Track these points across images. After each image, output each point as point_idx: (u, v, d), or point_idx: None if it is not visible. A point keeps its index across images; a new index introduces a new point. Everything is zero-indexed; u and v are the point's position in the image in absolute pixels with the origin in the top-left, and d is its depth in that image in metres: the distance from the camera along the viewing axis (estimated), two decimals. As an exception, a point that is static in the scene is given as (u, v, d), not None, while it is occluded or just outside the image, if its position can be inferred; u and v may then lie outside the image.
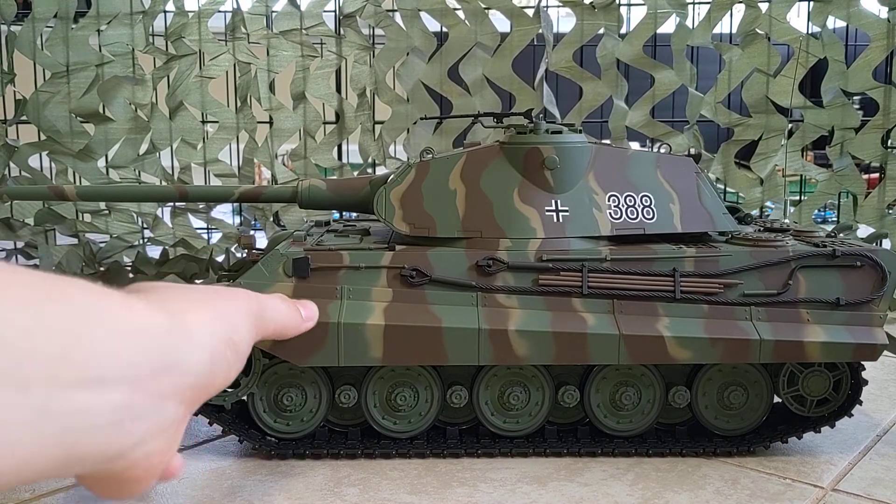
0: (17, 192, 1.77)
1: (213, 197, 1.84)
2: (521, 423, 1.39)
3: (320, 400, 1.37)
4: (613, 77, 2.46)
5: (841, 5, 2.35)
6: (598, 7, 2.44)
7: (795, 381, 1.37)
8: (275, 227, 2.62)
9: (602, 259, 1.31)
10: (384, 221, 1.36)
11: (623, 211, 1.37)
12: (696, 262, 1.31)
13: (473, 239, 1.33)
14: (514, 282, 1.30)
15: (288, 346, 1.22)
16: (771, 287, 1.31)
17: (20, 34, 2.49)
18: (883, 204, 2.46)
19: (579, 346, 1.28)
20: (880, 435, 1.49)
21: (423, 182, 1.36)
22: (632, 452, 1.39)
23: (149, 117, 2.56)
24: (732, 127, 2.50)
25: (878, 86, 2.39)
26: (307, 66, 2.52)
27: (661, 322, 1.29)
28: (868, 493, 1.25)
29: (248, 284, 1.25)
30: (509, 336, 1.27)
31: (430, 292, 1.29)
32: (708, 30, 2.43)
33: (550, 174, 1.35)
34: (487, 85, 2.49)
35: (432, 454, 1.38)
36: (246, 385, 1.33)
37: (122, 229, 2.66)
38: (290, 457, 1.37)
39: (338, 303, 1.28)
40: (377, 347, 1.27)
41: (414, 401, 1.37)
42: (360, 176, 1.55)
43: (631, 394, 1.38)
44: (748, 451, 1.40)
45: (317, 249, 1.31)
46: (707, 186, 1.44)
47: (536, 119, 1.40)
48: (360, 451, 1.37)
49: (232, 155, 2.75)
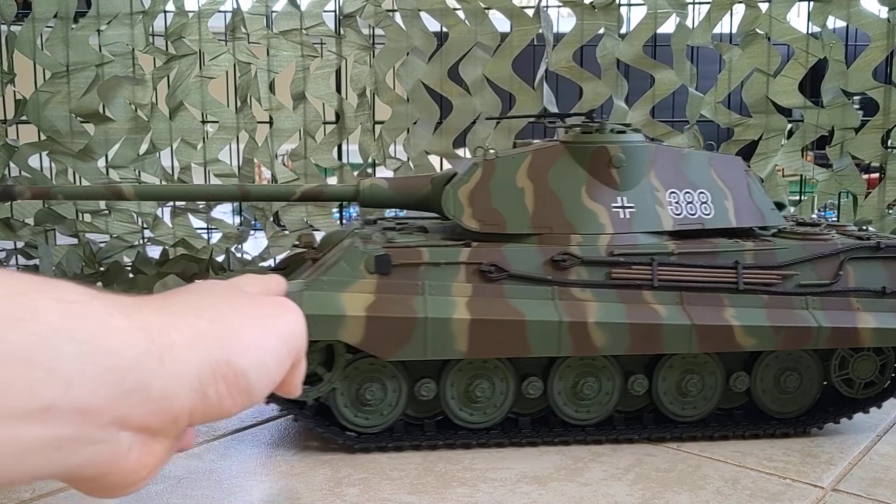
0: (71, 192, 1.74)
1: (276, 196, 1.89)
2: (591, 412, 1.44)
3: (400, 393, 1.39)
4: (613, 77, 2.46)
5: (841, 5, 2.35)
6: (598, 7, 2.44)
7: (846, 365, 1.47)
8: (274, 227, 2.62)
9: (669, 253, 1.38)
10: (453, 218, 1.41)
11: (683, 207, 1.45)
12: (755, 254, 1.40)
13: (544, 235, 1.39)
14: (588, 276, 1.36)
15: (374, 341, 1.28)
16: (823, 277, 1.41)
17: (20, 34, 2.49)
18: (883, 204, 2.46)
19: (654, 336, 1.35)
20: (880, 435, 1.49)
21: (491, 180, 1.42)
22: (698, 437, 1.45)
23: (149, 117, 2.56)
24: (732, 127, 2.50)
25: (878, 86, 2.39)
26: (307, 66, 2.52)
27: (727, 312, 1.37)
28: (868, 493, 1.25)
29: (331, 282, 1.30)
30: (588, 328, 1.33)
31: (508, 287, 1.34)
32: (708, 30, 2.43)
33: (616, 172, 1.42)
34: (487, 85, 2.49)
35: (511, 443, 1.42)
36: (329, 381, 1.35)
37: (123, 229, 2.66)
38: (374, 450, 1.40)
39: (420, 298, 1.32)
40: (462, 341, 1.31)
41: (490, 392, 1.40)
42: (420, 175, 1.60)
43: (696, 381, 1.44)
44: (804, 432, 1.48)
45: (396, 246, 1.35)
46: (755, 183, 1.54)
47: (601, 119, 1.47)
48: (441, 443, 1.40)
49: (232, 155, 2.75)
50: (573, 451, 1.40)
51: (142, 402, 0.39)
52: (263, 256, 2.65)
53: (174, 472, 1.31)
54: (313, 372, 1.34)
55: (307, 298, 1.27)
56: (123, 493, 0.42)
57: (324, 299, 1.28)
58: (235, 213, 3.32)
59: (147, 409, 0.40)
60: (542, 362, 1.42)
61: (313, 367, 1.33)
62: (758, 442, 1.44)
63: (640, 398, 1.47)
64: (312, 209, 2.58)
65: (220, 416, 0.43)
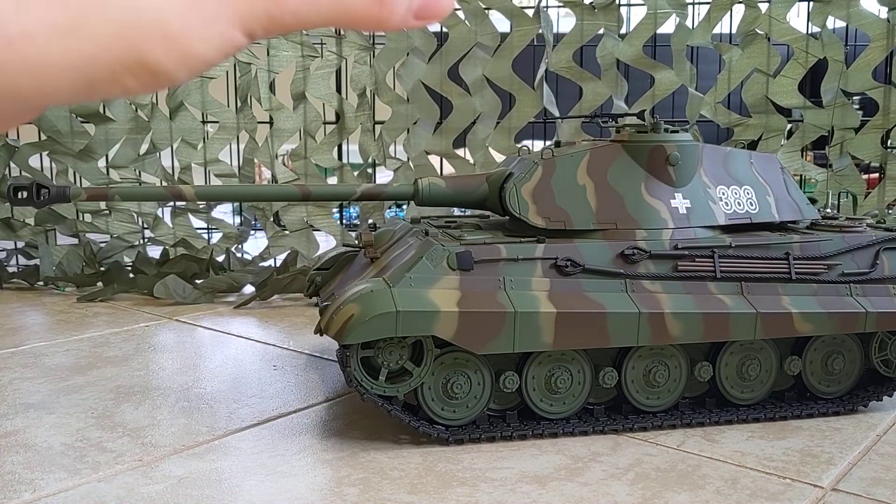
0: (129, 193, 1.72)
1: (336, 196, 1.93)
2: (661, 398, 1.50)
3: (484, 386, 1.42)
4: (613, 77, 2.46)
5: (841, 5, 2.35)
6: (598, 7, 2.44)
7: (885, 348, 1.57)
8: (275, 227, 2.62)
9: (727, 246, 1.46)
10: (518, 215, 1.46)
11: (732, 202, 1.54)
12: (802, 246, 1.50)
13: (609, 230, 1.45)
14: (655, 268, 1.43)
15: (466, 336, 1.32)
16: (861, 267, 1.51)
17: (20, 34, 2.49)
18: (883, 204, 2.46)
19: (723, 324, 1.42)
20: (880, 435, 1.49)
21: (552, 178, 1.47)
22: (761, 418, 1.52)
23: (149, 117, 2.56)
24: (732, 127, 2.50)
25: (878, 86, 2.39)
26: (307, 66, 2.52)
27: (783, 300, 1.46)
28: (868, 493, 1.25)
29: (417, 279, 1.33)
30: (665, 318, 1.39)
31: (584, 280, 1.40)
32: (708, 30, 2.43)
33: (673, 170, 1.49)
34: (487, 85, 2.49)
35: (595, 431, 1.46)
36: (419, 375, 1.37)
37: (123, 229, 2.66)
38: (467, 441, 1.42)
39: (503, 293, 1.36)
40: (549, 333, 1.35)
41: (569, 383, 1.45)
42: (476, 174, 1.65)
43: (754, 366, 1.53)
44: (853, 410, 1.57)
45: (474, 243, 1.39)
46: (791, 180, 1.65)
47: (655, 119, 1.52)
48: (531, 432, 1.44)
49: (232, 155, 2.75)
50: (573, 450, 1.40)
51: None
52: (263, 256, 2.65)
53: (174, 472, 1.31)
54: (402, 368, 1.37)
55: (398, 295, 1.30)
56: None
57: (414, 295, 1.32)
58: (235, 213, 3.32)
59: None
60: (613, 353, 1.48)
61: (403, 362, 1.37)
62: (758, 442, 1.44)
63: (704, 384, 1.54)
64: (313, 209, 2.58)
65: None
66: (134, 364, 1.88)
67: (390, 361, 1.36)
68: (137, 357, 1.94)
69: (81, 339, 2.09)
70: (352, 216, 3.65)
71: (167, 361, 1.91)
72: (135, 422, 1.53)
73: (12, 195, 1.40)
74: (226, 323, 2.28)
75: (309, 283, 1.77)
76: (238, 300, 2.50)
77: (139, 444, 1.42)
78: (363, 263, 1.61)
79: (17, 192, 1.40)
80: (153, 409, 1.60)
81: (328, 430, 1.50)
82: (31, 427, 1.50)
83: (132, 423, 1.52)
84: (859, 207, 2.45)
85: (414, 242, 1.45)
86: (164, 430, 1.49)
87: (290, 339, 2.11)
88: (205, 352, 2.01)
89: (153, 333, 2.17)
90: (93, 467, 1.32)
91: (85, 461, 1.35)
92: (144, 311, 2.41)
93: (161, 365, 1.88)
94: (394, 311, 1.29)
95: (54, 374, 1.80)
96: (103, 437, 1.45)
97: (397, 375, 1.38)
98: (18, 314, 2.38)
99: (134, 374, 1.81)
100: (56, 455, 1.37)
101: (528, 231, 1.46)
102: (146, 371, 1.83)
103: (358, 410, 1.58)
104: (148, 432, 1.48)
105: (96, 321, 2.28)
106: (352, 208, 3.51)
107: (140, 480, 1.28)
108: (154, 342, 2.08)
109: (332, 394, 1.69)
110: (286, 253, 2.60)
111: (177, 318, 2.32)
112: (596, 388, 1.48)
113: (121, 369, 1.84)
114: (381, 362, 1.36)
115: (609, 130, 1.65)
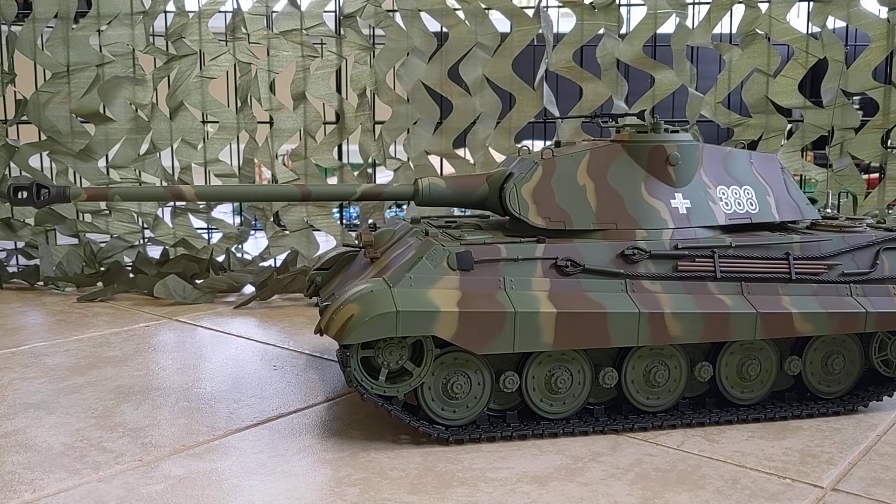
0: (129, 193, 1.72)
1: (336, 196, 1.93)
2: (661, 398, 1.50)
3: (484, 386, 1.42)
4: (613, 77, 2.46)
5: (841, 5, 2.35)
6: (598, 7, 2.44)
7: (885, 348, 1.57)
8: (275, 227, 2.62)
9: (728, 246, 1.46)
10: (518, 215, 1.46)
11: (732, 202, 1.54)
12: (802, 246, 1.50)
13: (609, 231, 1.46)
14: (655, 268, 1.43)
15: (466, 336, 1.32)
16: (861, 267, 1.51)
17: (21, 34, 2.49)
18: (883, 204, 2.46)
19: (723, 324, 1.42)
20: (880, 435, 1.49)
21: (552, 178, 1.48)
22: (761, 418, 1.52)
23: (149, 117, 2.56)
24: (732, 127, 2.50)
25: (878, 86, 2.39)
26: (307, 66, 2.52)
27: (784, 300, 1.46)
28: (868, 493, 1.25)
29: (417, 279, 1.34)
30: (665, 318, 1.39)
31: (584, 281, 1.40)
32: (708, 30, 2.43)
33: (673, 170, 1.50)
34: (487, 85, 2.49)
35: (595, 431, 1.46)
36: (419, 375, 1.37)
37: (123, 229, 2.66)
38: (467, 441, 1.42)
39: (503, 293, 1.36)
40: (549, 333, 1.35)
41: (570, 383, 1.45)
42: (476, 174, 1.66)
43: (755, 366, 1.52)
44: (852, 410, 1.56)
45: (474, 243, 1.39)
46: (791, 181, 1.65)
47: (656, 119, 1.53)
48: (531, 432, 1.43)
49: (232, 155, 2.75)
50: (573, 450, 1.40)
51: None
52: (263, 256, 2.65)
53: (174, 471, 1.31)
54: (403, 368, 1.37)
55: (398, 295, 1.30)
56: None
57: (415, 295, 1.32)
58: (235, 214, 3.32)
59: None
60: (613, 353, 1.48)
61: (403, 362, 1.37)
62: (758, 442, 1.44)
63: (704, 384, 1.53)
64: (313, 209, 2.58)
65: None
66: (134, 364, 1.88)
67: (390, 361, 1.36)
68: (137, 357, 1.94)
69: (81, 339, 2.09)
70: (352, 216, 3.65)
71: (167, 361, 1.91)
72: (135, 422, 1.53)
73: (12, 195, 1.40)
74: (226, 323, 2.28)
75: (309, 283, 1.77)
76: (238, 300, 2.50)
77: (139, 444, 1.42)
78: (363, 263, 1.61)
79: (17, 192, 1.40)
80: (153, 409, 1.60)
81: (328, 430, 1.50)
82: (31, 427, 1.50)
83: (132, 423, 1.52)
84: (859, 207, 2.45)
85: (414, 242, 1.45)
86: (164, 430, 1.49)
87: (290, 339, 2.11)
88: (205, 352, 2.01)
89: (153, 333, 2.17)
90: (93, 467, 1.33)
91: (85, 461, 1.35)
92: (144, 311, 2.41)
93: (161, 365, 1.88)
94: (394, 311, 1.29)
95: (54, 374, 1.80)
96: (103, 437, 1.45)
97: (397, 375, 1.38)
98: (18, 314, 2.38)
99: (134, 374, 1.81)
100: (56, 455, 1.37)
101: (528, 231, 1.47)
102: (146, 371, 1.83)
103: (358, 410, 1.58)
104: (148, 432, 1.48)
105: (96, 321, 2.28)
106: (352, 208, 3.51)
107: (140, 480, 1.28)
108: (154, 342, 2.08)
109: (332, 394, 1.69)
110: (286, 253, 2.60)
111: (177, 318, 2.32)
112: (596, 388, 1.47)
113: (121, 369, 1.84)
114: (381, 362, 1.36)
115: (609, 130, 1.64)
